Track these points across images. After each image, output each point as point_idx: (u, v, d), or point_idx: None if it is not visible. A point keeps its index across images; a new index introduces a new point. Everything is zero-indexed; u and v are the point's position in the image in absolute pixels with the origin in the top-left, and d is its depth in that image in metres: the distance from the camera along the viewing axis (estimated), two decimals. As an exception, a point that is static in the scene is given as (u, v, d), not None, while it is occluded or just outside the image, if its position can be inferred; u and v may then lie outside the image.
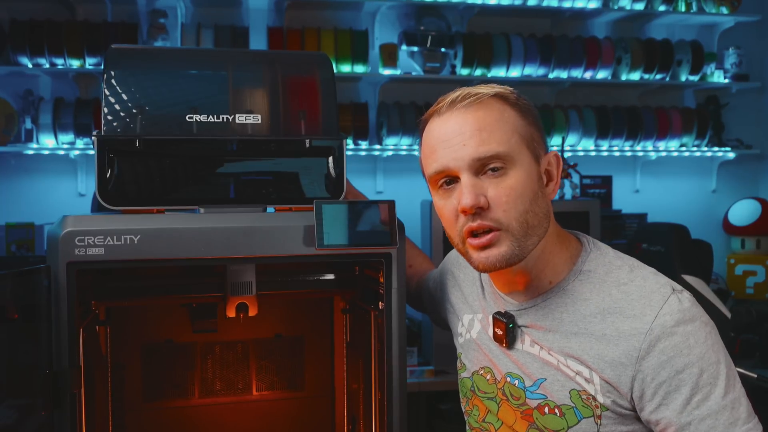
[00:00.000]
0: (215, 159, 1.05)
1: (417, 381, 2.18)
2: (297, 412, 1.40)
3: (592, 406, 0.87)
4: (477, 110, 0.89)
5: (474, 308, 1.05)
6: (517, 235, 0.87)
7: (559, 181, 0.95)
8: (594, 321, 0.89)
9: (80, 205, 2.58)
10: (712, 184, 3.14)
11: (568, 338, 0.90)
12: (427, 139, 0.94)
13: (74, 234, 0.92)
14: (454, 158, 0.88)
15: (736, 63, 3.02)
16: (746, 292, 2.87)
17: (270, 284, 1.14)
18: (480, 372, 1.01)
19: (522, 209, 0.87)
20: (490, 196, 0.87)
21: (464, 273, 1.10)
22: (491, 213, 0.87)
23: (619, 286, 0.89)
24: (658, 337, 0.83)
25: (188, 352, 1.33)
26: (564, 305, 0.92)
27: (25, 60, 2.46)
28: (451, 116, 0.90)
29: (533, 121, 0.92)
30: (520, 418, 0.94)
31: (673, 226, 2.42)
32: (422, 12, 2.76)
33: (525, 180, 0.88)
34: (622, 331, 0.86)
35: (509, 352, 0.96)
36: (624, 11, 2.87)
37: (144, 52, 1.24)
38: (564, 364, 0.89)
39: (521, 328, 0.95)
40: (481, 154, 0.87)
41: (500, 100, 0.90)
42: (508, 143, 0.88)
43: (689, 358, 0.82)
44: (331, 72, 1.13)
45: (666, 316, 0.84)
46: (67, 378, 0.92)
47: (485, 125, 0.88)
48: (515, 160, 0.88)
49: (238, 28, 2.63)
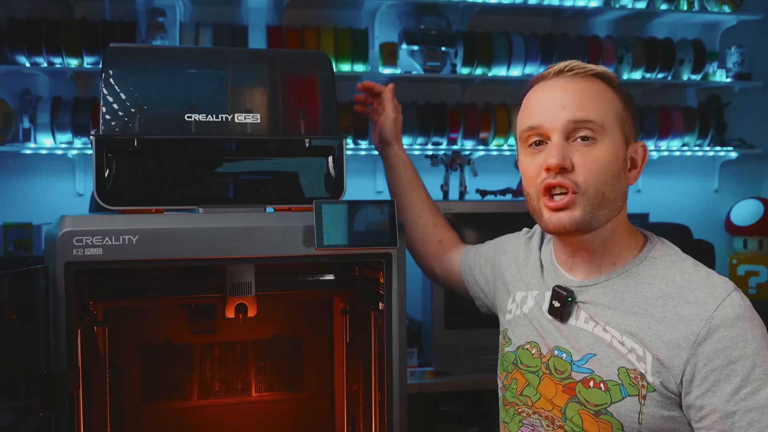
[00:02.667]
0: (214, 159, 1.05)
1: (417, 382, 2.17)
2: (296, 413, 1.39)
3: (638, 386, 0.89)
4: (581, 81, 0.94)
5: (530, 285, 1.07)
6: (592, 202, 0.92)
7: (641, 172, 0.99)
8: (656, 304, 0.91)
9: (78, 205, 2.57)
10: (715, 184, 3.13)
11: (627, 317, 0.92)
12: (528, 98, 0.99)
13: (72, 234, 0.92)
14: (550, 118, 0.93)
15: (739, 62, 3.00)
16: (749, 293, 2.86)
17: (269, 285, 1.14)
18: (525, 346, 1.03)
19: (602, 180, 0.92)
20: (576, 161, 0.91)
21: (525, 254, 1.12)
22: (572, 175, 0.91)
23: (683, 274, 0.93)
24: (718, 326, 0.86)
25: (187, 353, 1.33)
26: (627, 286, 0.95)
27: (22, 59, 2.45)
28: (556, 82, 0.96)
29: (631, 108, 0.97)
30: (561, 392, 0.95)
31: (675, 226, 2.41)
32: (422, 10, 2.75)
33: (611, 155, 0.92)
34: (682, 316, 0.88)
35: (561, 326, 0.98)
36: (626, 10, 2.86)
37: (142, 51, 1.23)
38: (618, 341, 0.91)
39: (579, 303, 0.97)
40: (577, 118, 0.91)
41: (605, 80, 0.96)
42: (603, 117, 0.93)
43: (745, 351, 0.85)
44: (331, 71, 1.13)
45: (728, 308, 0.87)
46: (65, 379, 0.92)
47: (586, 95, 0.93)
48: (606, 133, 0.92)
49: (237, 27, 2.62)
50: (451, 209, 2.22)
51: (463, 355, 2.19)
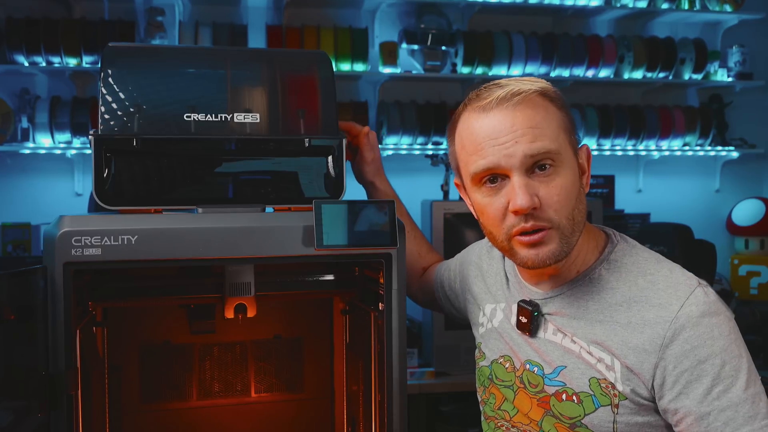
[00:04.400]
0: (213, 158, 1.04)
1: (417, 383, 2.16)
2: (296, 414, 1.39)
3: (610, 395, 0.88)
4: (526, 108, 0.88)
5: (497, 298, 1.06)
6: (566, 232, 0.89)
7: (590, 175, 0.97)
8: (620, 309, 0.90)
9: (77, 204, 2.56)
10: (716, 184, 3.13)
11: (593, 325, 0.91)
12: (468, 135, 0.92)
13: (71, 234, 0.91)
14: (506, 155, 0.87)
15: (740, 61, 3.00)
16: (750, 293, 2.86)
17: (269, 285, 1.14)
18: (499, 360, 1.02)
19: (571, 207, 0.89)
20: (542, 196, 0.87)
21: (488, 264, 1.11)
22: (543, 212, 0.87)
23: (646, 276, 0.91)
24: (683, 326, 0.84)
25: (186, 353, 1.32)
26: (590, 293, 0.93)
27: (21, 58, 2.44)
28: (499, 113, 0.89)
29: (568, 113, 0.93)
30: (536, 406, 0.95)
31: (676, 226, 2.41)
32: (423, 10, 2.74)
33: (572, 178, 0.90)
34: (647, 320, 0.87)
35: (531, 340, 0.97)
36: (626, 9, 2.85)
37: (141, 51, 1.23)
38: (586, 351, 0.90)
39: (545, 316, 0.96)
40: (534, 151, 0.86)
41: (544, 96, 0.91)
42: (557, 140, 0.89)
43: (712, 349, 0.83)
44: (331, 70, 1.12)
45: (692, 306, 0.85)
46: (64, 379, 0.92)
47: (536, 123, 0.88)
48: (563, 157, 0.89)
49: (237, 26, 2.61)
50: (451, 209, 2.21)
51: (463, 355, 2.18)
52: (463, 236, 2.18)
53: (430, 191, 2.54)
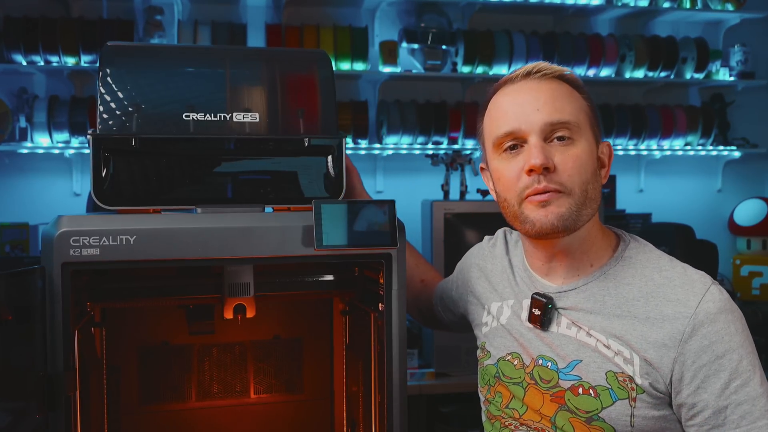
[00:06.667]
0: (212, 158, 1.04)
1: (418, 384, 2.16)
2: (295, 415, 1.38)
3: (628, 388, 0.89)
4: (551, 83, 0.95)
5: (504, 295, 1.06)
6: (577, 201, 0.91)
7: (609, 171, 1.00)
8: (637, 304, 0.91)
9: (75, 204, 2.56)
10: (718, 184, 3.12)
11: (610, 320, 0.92)
12: (497, 102, 0.99)
13: (69, 234, 0.91)
14: (527, 121, 0.92)
15: (742, 60, 2.99)
16: (752, 294, 2.85)
17: (268, 285, 1.13)
18: (507, 358, 1.02)
19: (584, 178, 0.92)
20: (557, 161, 0.91)
21: (492, 263, 1.11)
22: (556, 176, 0.91)
23: (661, 272, 0.93)
24: (702, 322, 0.86)
25: (185, 354, 1.32)
26: (606, 289, 0.94)
27: (19, 57, 2.44)
28: (525, 84, 0.96)
29: (594, 109, 0.98)
30: (549, 401, 0.94)
31: (677, 226, 2.41)
32: (423, 9, 2.74)
33: (588, 154, 0.93)
34: (665, 315, 0.89)
35: (543, 335, 0.97)
36: (628, 8, 2.84)
37: (140, 50, 1.22)
38: (604, 344, 0.91)
39: (559, 310, 0.96)
40: (554, 119, 0.91)
41: (570, 81, 0.97)
42: (577, 116, 0.93)
43: (730, 345, 0.86)
44: (331, 70, 1.12)
45: (709, 303, 0.87)
46: (62, 380, 0.91)
47: (558, 96, 0.94)
48: (582, 132, 0.93)
49: (236, 25, 2.61)
50: (451, 209, 2.21)
51: (463, 356, 2.18)
52: (463, 236, 2.17)
53: (430, 191, 2.53)
